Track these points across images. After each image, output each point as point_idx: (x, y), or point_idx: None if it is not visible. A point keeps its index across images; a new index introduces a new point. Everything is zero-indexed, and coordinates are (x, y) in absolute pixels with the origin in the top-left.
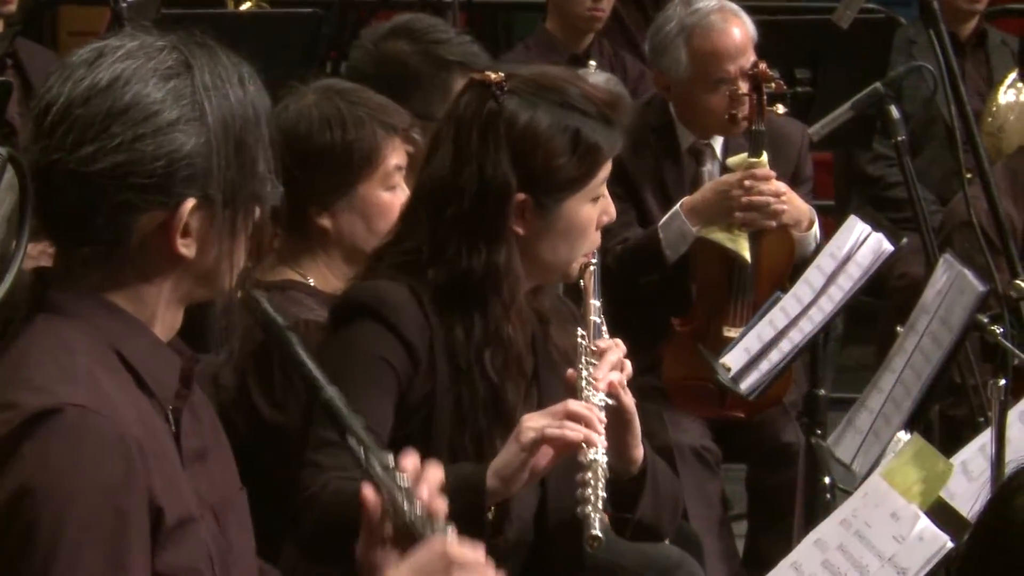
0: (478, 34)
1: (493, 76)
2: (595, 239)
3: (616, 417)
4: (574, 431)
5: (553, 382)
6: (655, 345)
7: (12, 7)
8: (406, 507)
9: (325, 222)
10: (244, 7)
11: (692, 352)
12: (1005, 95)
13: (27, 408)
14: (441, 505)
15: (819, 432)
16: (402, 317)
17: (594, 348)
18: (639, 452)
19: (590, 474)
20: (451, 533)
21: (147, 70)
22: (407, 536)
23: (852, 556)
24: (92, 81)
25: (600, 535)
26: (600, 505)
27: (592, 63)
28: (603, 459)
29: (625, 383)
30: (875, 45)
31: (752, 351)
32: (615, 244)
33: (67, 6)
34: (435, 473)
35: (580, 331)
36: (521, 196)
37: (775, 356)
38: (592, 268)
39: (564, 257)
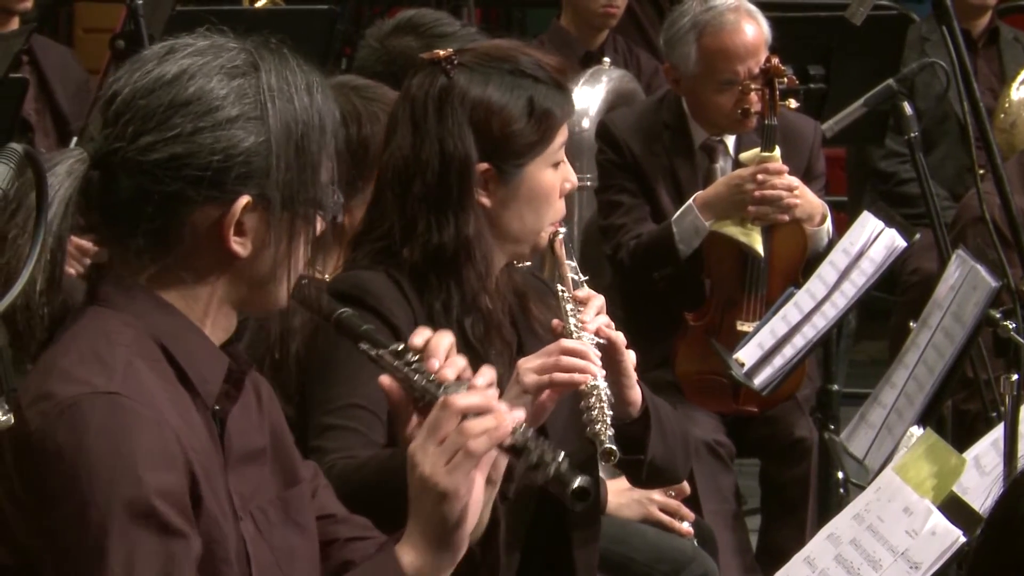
0: (492, 30)
1: (442, 53)
2: (559, 207)
3: (608, 359)
4: (579, 372)
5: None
6: (668, 340)
7: (28, 4)
8: (416, 379)
9: (341, 218)
10: (259, 4)
11: (705, 347)
12: (1017, 91)
13: (61, 397)
14: (451, 368)
15: (832, 427)
16: (384, 302)
17: (576, 297)
18: (636, 393)
19: (593, 399)
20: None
21: (214, 67)
22: (429, 408)
23: (865, 550)
24: (159, 73)
25: (615, 448)
26: (608, 422)
27: (606, 60)
28: (603, 384)
29: (613, 326)
30: (888, 42)
31: (766, 346)
32: (629, 239)
33: (83, 3)
34: (441, 339)
35: (560, 287)
36: (483, 166)
37: (788, 351)
38: (561, 236)
39: (531, 225)
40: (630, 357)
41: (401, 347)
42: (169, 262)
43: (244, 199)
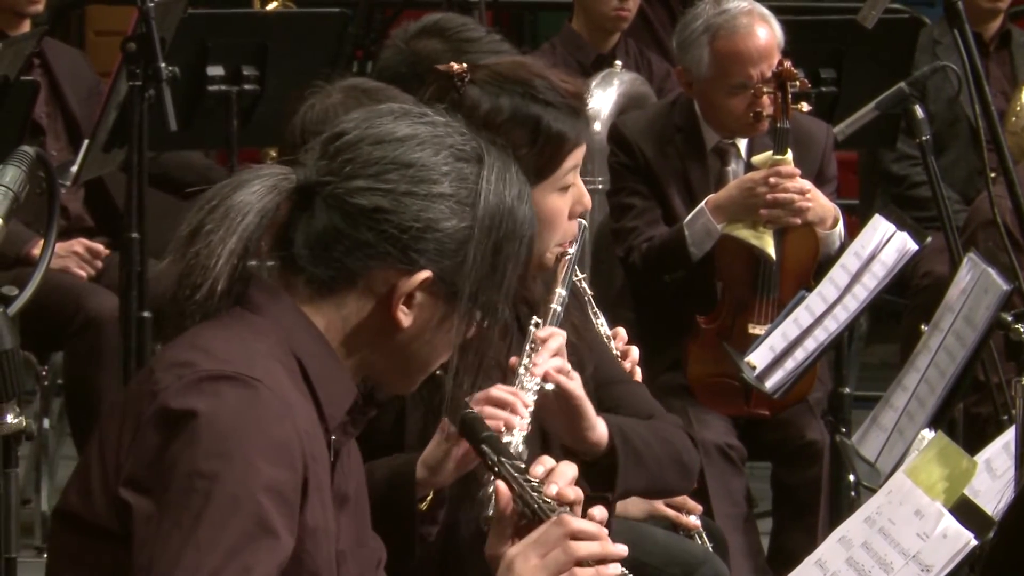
0: (504, 34)
1: (456, 67)
2: (568, 229)
3: (563, 403)
4: (492, 419)
5: None
6: (680, 342)
7: (40, 7)
8: (533, 496)
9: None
10: (270, 7)
11: (717, 350)
12: None
13: (203, 368)
14: (569, 496)
15: (843, 430)
16: None
17: (541, 336)
18: (596, 433)
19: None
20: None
21: (443, 144)
22: (534, 526)
23: (876, 553)
24: (392, 128)
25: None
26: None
27: (618, 63)
28: (518, 438)
29: (568, 368)
30: (900, 45)
31: (777, 349)
32: (640, 242)
33: (94, 6)
34: (566, 469)
35: (535, 319)
36: None
37: (800, 354)
38: (568, 258)
39: (534, 248)
40: (585, 405)
41: (523, 465)
42: (333, 303)
43: (426, 274)
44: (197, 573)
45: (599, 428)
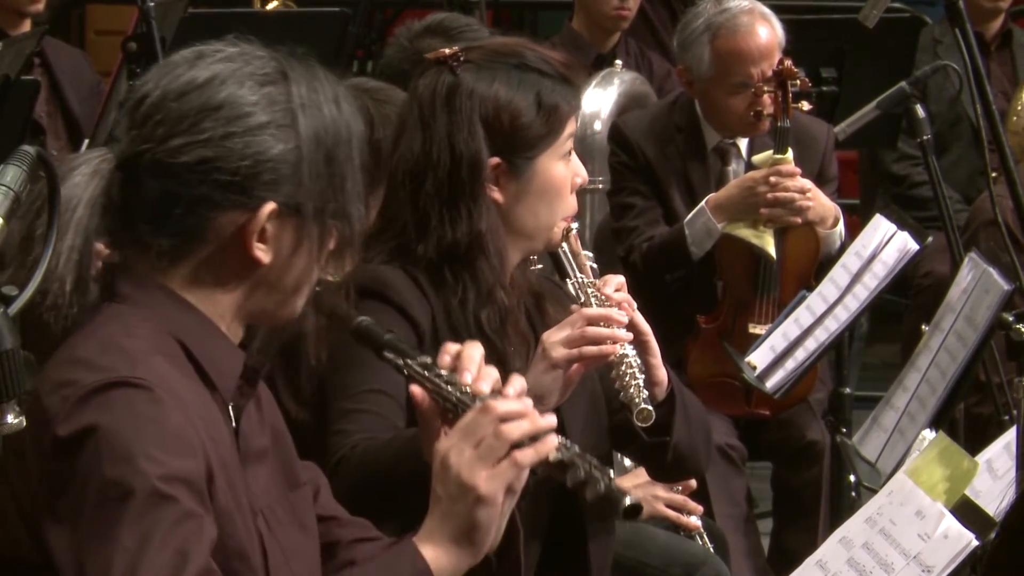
0: (504, 33)
1: (447, 51)
2: (572, 203)
3: (633, 338)
4: (606, 340)
5: None
6: (680, 342)
7: (40, 6)
8: (449, 390)
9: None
10: (271, 6)
11: (718, 349)
12: None
13: (85, 383)
14: (485, 380)
15: (844, 430)
16: (404, 296)
17: (595, 284)
18: (662, 373)
19: (624, 367)
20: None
21: (244, 74)
22: (459, 418)
23: (877, 554)
24: (190, 77)
25: (649, 407)
26: (641, 384)
27: (618, 62)
28: (631, 350)
29: (635, 304)
30: (901, 44)
31: (778, 349)
32: (641, 242)
33: (94, 5)
34: (472, 351)
35: (579, 274)
36: (494, 160)
37: (801, 354)
38: (574, 232)
39: (544, 220)
40: (653, 340)
41: (429, 360)
42: (190, 265)
43: (270, 206)
44: (134, 571)
45: (663, 369)
